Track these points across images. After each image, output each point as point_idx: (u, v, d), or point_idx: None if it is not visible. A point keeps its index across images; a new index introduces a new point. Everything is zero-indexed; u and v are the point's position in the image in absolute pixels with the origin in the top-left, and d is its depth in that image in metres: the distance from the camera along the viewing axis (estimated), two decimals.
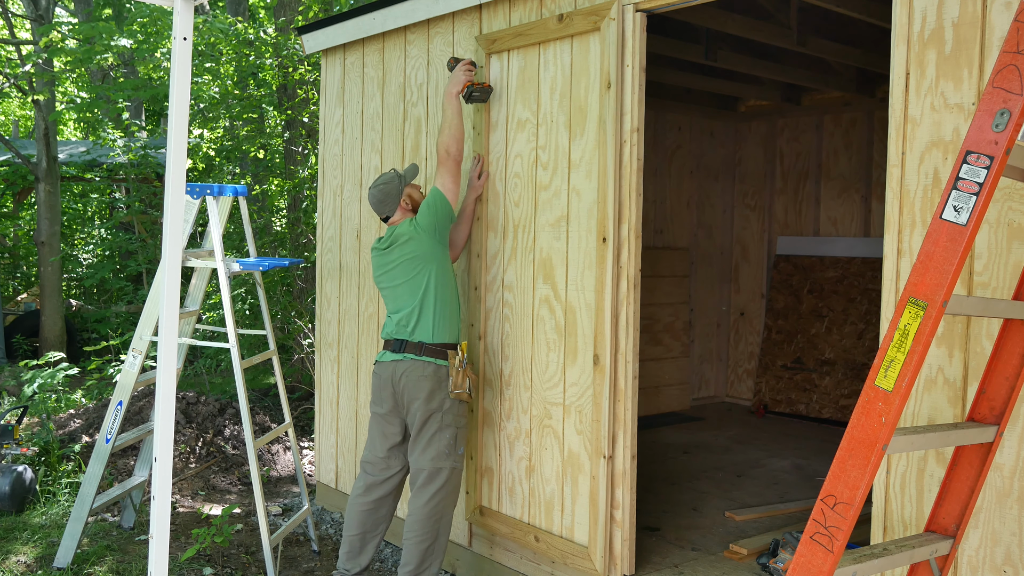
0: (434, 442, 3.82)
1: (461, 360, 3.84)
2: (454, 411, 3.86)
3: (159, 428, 2.27)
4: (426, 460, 3.83)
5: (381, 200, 4.00)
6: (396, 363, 3.87)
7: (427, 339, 3.83)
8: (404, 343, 3.86)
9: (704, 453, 6.14)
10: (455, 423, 3.86)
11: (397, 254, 3.91)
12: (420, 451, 3.85)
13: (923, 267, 1.90)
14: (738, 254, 8.02)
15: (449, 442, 3.83)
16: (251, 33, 8.75)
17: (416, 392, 3.82)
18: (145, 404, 6.33)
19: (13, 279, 13.08)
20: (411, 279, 3.86)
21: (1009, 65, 1.89)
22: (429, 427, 3.83)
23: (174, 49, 2.22)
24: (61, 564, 4.47)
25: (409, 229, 3.90)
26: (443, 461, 3.83)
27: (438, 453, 3.82)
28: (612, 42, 3.59)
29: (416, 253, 3.86)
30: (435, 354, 3.83)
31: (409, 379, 3.83)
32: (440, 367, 3.83)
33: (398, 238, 3.92)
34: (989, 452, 2.22)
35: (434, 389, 3.82)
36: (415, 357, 3.83)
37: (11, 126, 18.00)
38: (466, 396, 3.86)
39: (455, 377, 3.82)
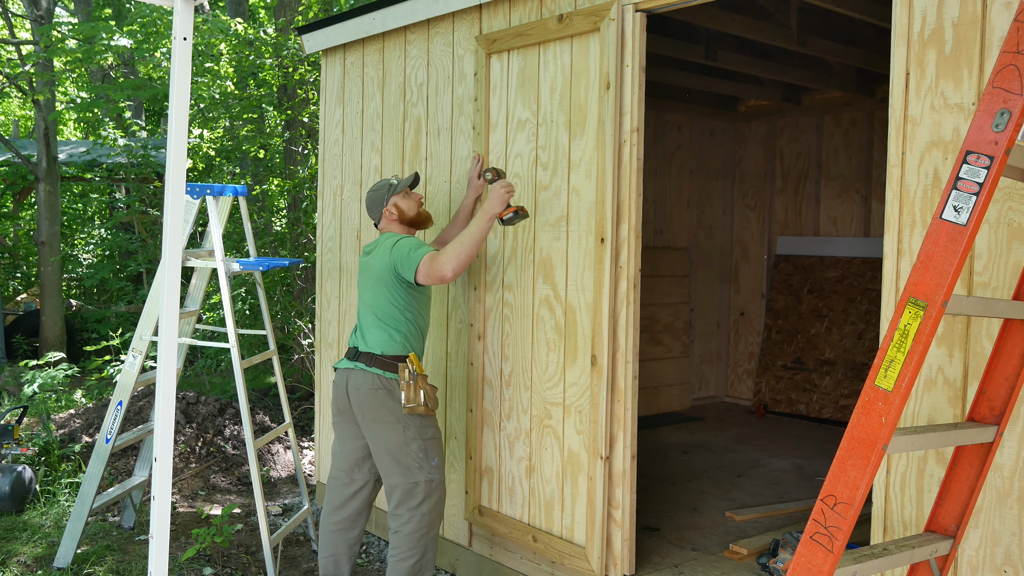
0: (401, 457, 3.65)
1: (411, 372, 3.64)
2: (416, 424, 3.66)
3: (159, 428, 2.27)
4: (398, 476, 3.67)
5: (369, 207, 3.97)
6: (349, 371, 3.75)
7: (376, 350, 3.69)
8: (357, 352, 3.76)
9: (704, 453, 6.14)
10: (419, 435, 3.67)
11: (373, 263, 3.80)
12: (389, 468, 3.69)
13: (923, 267, 1.90)
14: (738, 254, 8.02)
15: (417, 455, 3.65)
16: (251, 33, 8.75)
17: (367, 405, 3.67)
18: (145, 404, 6.33)
19: (13, 279, 13.08)
20: (373, 292, 3.76)
21: (1009, 65, 1.89)
22: (390, 442, 3.66)
23: (174, 49, 2.22)
24: (61, 564, 4.47)
25: (387, 247, 3.75)
26: (416, 475, 3.66)
27: (408, 468, 3.65)
28: (612, 42, 3.59)
29: (381, 271, 3.74)
30: (385, 366, 3.68)
31: (360, 392, 3.69)
32: (389, 380, 3.66)
33: (377, 248, 3.82)
34: (989, 452, 2.22)
35: (385, 401, 3.65)
36: (364, 368, 3.69)
37: (11, 126, 17.99)
38: (423, 410, 3.64)
39: (406, 391, 3.62)
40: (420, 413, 3.65)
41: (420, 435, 3.66)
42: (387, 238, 3.80)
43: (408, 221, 3.90)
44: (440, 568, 4.55)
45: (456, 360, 4.42)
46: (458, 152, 4.41)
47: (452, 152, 4.45)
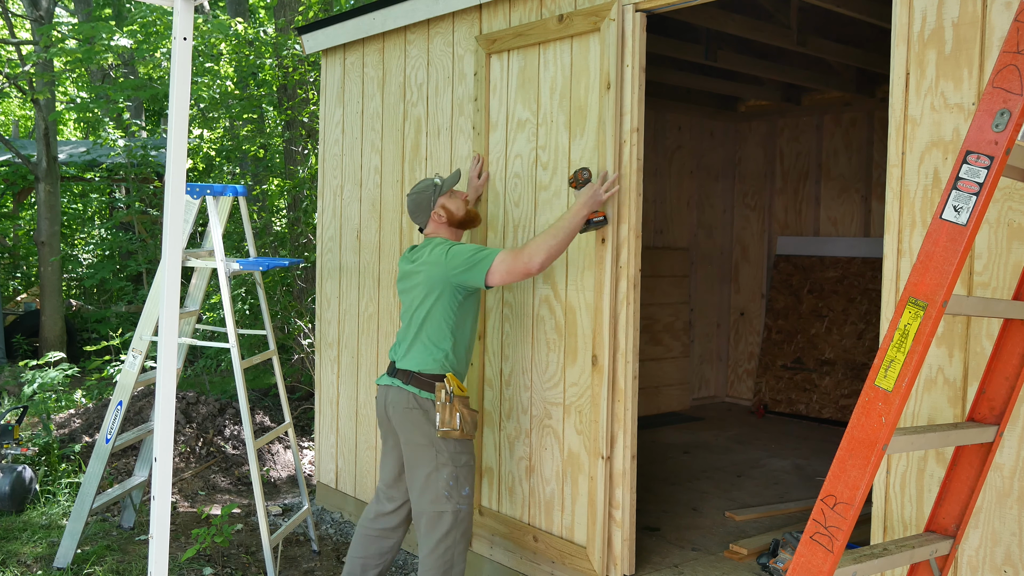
0: (431, 483, 3.45)
1: (448, 393, 3.43)
2: (449, 449, 3.45)
3: (159, 428, 2.27)
4: (425, 503, 3.48)
5: (413, 210, 3.72)
6: (387, 388, 3.60)
7: (414, 368, 3.51)
8: (395, 367, 3.60)
9: (704, 453, 6.14)
10: (452, 462, 3.45)
11: (419, 272, 3.56)
12: (418, 492, 3.50)
13: (923, 267, 1.90)
14: (738, 254, 8.02)
15: (447, 483, 3.44)
16: (251, 33, 8.75)
17: (402, 424, 3.51)
18: (145, 404, 6.33)
19: (13, 279, 13.08)
20: (419, 304, 3.54)
21: (1009, 65, 1.89)
22: (421, 465, 3.47)
23: (174, 49, 2.22)
24: (61, 564, 4.47)
25: (438, 255, 3.51)
26: (443, 504, 3.45)
27: (436, 496, 3.45)
28: (612, 42, 3.59)
29: (431, 281, 3.51)
30: (422, 385, 3.48)
31: (395, 409, 3.53)
32: (425, 399, 3.47)
33: (423, 255, 3.58)
34: (989, 452, 2.22)
35: (420, 423, 3.46)
36: (401, 385, 3.52)
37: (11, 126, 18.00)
38: (458, 434, 3.43)
39: (442, 413, 3.42)
40: (455, 438, 3.44)
41: (453, 461, 3.45)
42: (437, 245, 3.55)
43: (458, 222, 3.70)
44: None
45: None
46: (458, 152, 4.41)
47: (452, 152, 4.45)
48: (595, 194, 3.50)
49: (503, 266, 3.38)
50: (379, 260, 4.96)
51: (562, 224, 3.42)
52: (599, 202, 3.52)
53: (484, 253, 3.43)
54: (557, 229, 3.41)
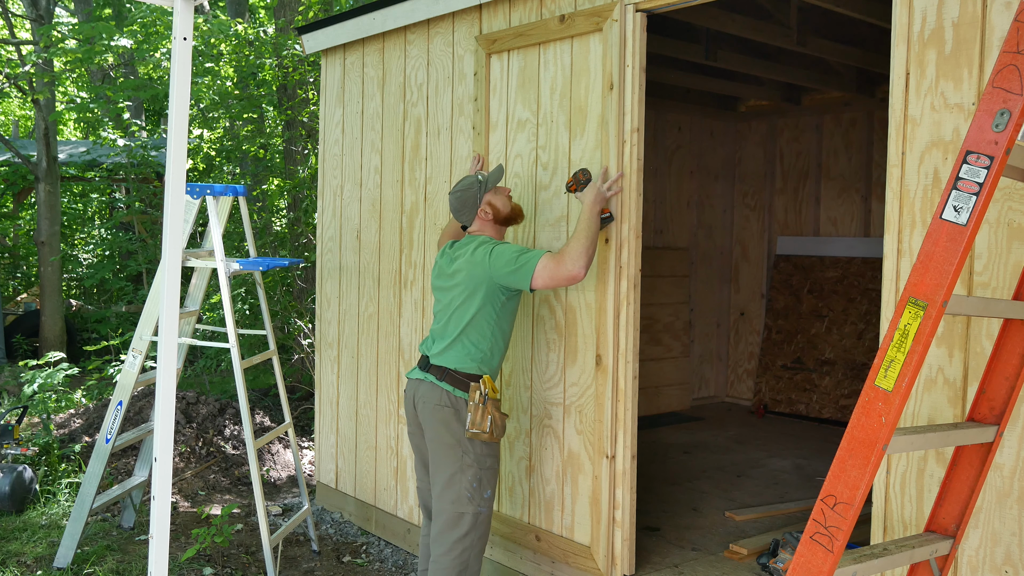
0: (454, 483, 3.38)
1: (482, 395, 3.36)
2: (476, 450, 3.38)
3: (159, 428, 2.27)
4: (446, 502, 3.40)
5: (458, 208, 3.58)
6: (418, 382, 3.51)
7: (451, 365, 3.43)
8: (428, 362, 3.50)
9: (704, 453, 6.14)
10: (477, 463, 3.38)
11: (461, 271, 3.47)
12: (439, 490, 3.43)
13: (923, 267, 1.90)
14: (738, 254, 8.02)
15: (471, 484, 3.37)
16: (251, 33, 8.75)
17: (430, 421, 3.43)
18: (145, 404, 6.33)
19: (13, 279, 13.08)
20: (460, 303, 3.45)
21: (1009, 65, 1.89)
22: (446, 464, 3.40)
23: (174, 49, 2.22)
24: (61, 564, 4.47)
25: (482, 255, 3.42)
26: (465, 506, 3.37)
27: (459, 496, 3.38)
28: (615, 43, 3.59)
29: (475, 281, 3.42)
30: (456, 383, 3.41)
31: (425, 405, 3.45)
32: (458, 398, 3.39)
33: (465, 253, 3.49)
34: (989, 452, 2.22)
35: (449, 421, 3.39)
36: (435, 381, 3.44)
37: (11, 126, 18.00)
38: (486, 437, 3.35)
39: (473, 414, 3.35)
40: (483, 440, 3.38)
41: (478, 463, 3.39)
42: (480, 244, 3.46)
43: (503, 219, 3.60)
44: None
45: None
46: (458, 152, 4.41)
47: (452, 152, 4.45)
48: (599, 192, 3.49)
49: (546, 272, 3.30)
50: (379, 260, 4.96)
51: (584, 227, 3.39)
52: (604, 199, 3.51)
53: (528, 256, 3.34)
54: (582, 233, 3.36)
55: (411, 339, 4.72)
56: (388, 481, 4.92)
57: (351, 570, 4.64)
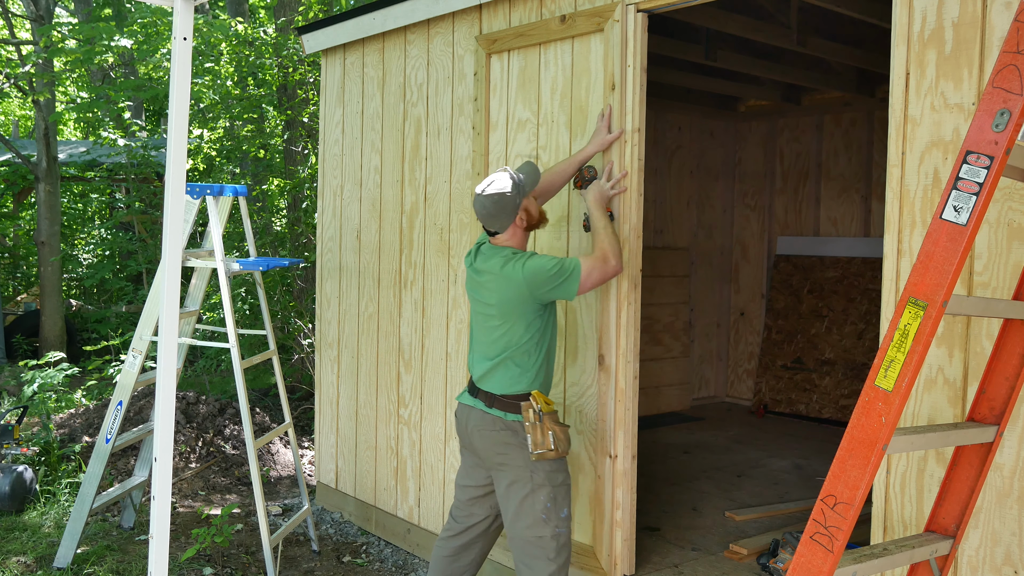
0: (527, 508, 3.17)
1: (536, 412, 3.16)
2: (544, 469, 3.17)
3: (159, 428, 2.27)
4: (521, 528, 3.19)
5: (493, 214, 3.26)
6: (470, 410, 3.32)
7: (497, 390, 3.23)
8: (477, 389, 3.31)
9: (704, 453, 6.14)
10: (548, 481, 3.17)
11: (491, 290, 3.26)
12: (512, 517, 3.21)
13: (923, 267, 1.90)
14: (738, 254, 8.02)
15: (544, 505, 3.16)
16: (251, 33, 8.75)
17: (489, 447, 3.23)
18: (145, 404, 6.33)
19: (13, 279, 13.08)
20: (497, 325, 3.25)
21: (1009, 65, 1.89)
22: (515, 490, 3.19)
23: (174, 49, 2.22)
24: (61, 564, 4.47)
25: (514, 272, 3.18)
26: (542, 528, 3.17)
27: (534, 520, 3.16)
28: (616, 43, 3.59)
29: (512, 300, 3.21)
30: (506, 407, 3.21)
31: (482, 435, 3.25)
32: (512, 422, 3.19)
33: (491, 267, 3.26)
34: (989, 452, 2.22)
35: (509, 446, 3.19)
36: (484, 409, 3.25)
37: (11, 126, 18.00)
38: (553, 454, 3.14)
39: (533, 434, 3.14)
40: (550, 458, 3.16)
41: (549, 481, 3.18)
42: (508, 260, 3.22)
43: (533, 224, 3.37)
44: None
45: (456, 360, 4.42)
46: (458, 152, 4.41)
47: (452, 152, 4.45)
48: (602, 190, 3.46)
49: (595, 274, 3.20)
50: (379, 260, 4.96)
51: (602, 224, 3.34)
52: (607, 197, 3.47)
53: (569, 265, 3.18)
54: (604, 229, 3.31)
55: (411, 339, 4.73)
56: (388, 481, 4.92)
57: (351, 570, 4.64)
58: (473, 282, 3.37)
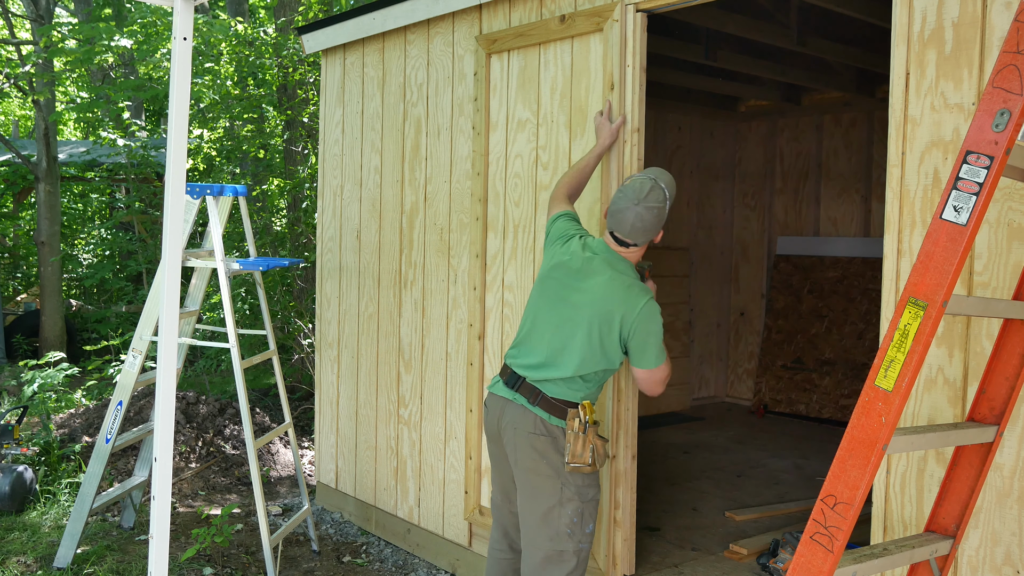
0: (552, 519, 2.99)
1: (582, 422, 2.96)
2: (575, 482, 2.98)
3: (159, 428, 2.27)
4: (543, 539, 3.00)
5: (648, 226, 3.01)
6: (506, 403, 3.08)
7: (550, 393, 3.01)
8: (521, 381, 3.06)
9: (704, 453, 6.14)
10: (578, 496, 2.98)
11: (593, 295, 3.01)
12: (534, 526, 3.02)
13: (923, 267, 1.90)
14: (738, 254, 8.02)
15: (571, 519, 2.99)
16: (251, 33, 8.75)
17: (522, 449, 3.02)
18: (145, 404, 6.33)
19: (13, 279, 13.08)
20: (586, 341, 2.99)
21: (1009, 65, 1.89)
22: (543, 497, 3.00)
23: (174, 49, 2.22)
24: (61, 564, 4.47)
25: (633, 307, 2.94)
26: (565, 542, 2.98)
27: (558, 532, 2.99)
28: (615, 43, 3.59)
29: (603, 315, 2.97)
30: (552, 409, 2.99)
31: (517, 432, 3.03)
32: (554, 426, 2.99)
33: (602, 280, 3.01)
34: (989, 452, 2.22)
35: (546, 451, 2.98)
36: (527, 405, 3.02)
37: (11, 126, 18.00)
38: (588, 469, 2.96)
39: (573, 444, 2.94)
40: (584, 472, 2.99)
41: (579, 495, 2.99)
42: (630, 288, 2.99)
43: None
44: (440, 568, 4.55)
45: (456, 360, 4.42)
46: (458, 152, 4.41)
47: (452, 152, 4.45)
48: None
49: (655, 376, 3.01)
50: (379, 260, 4.96)
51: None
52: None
53: (661, 352, 3.00)
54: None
55: (411, 339, 4.73)
56: (388, 481, 4.92)
57: (351, 570, 4.64)
58: (569, 273, 3.08)
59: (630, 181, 3.07)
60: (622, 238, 3.04)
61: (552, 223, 3.30)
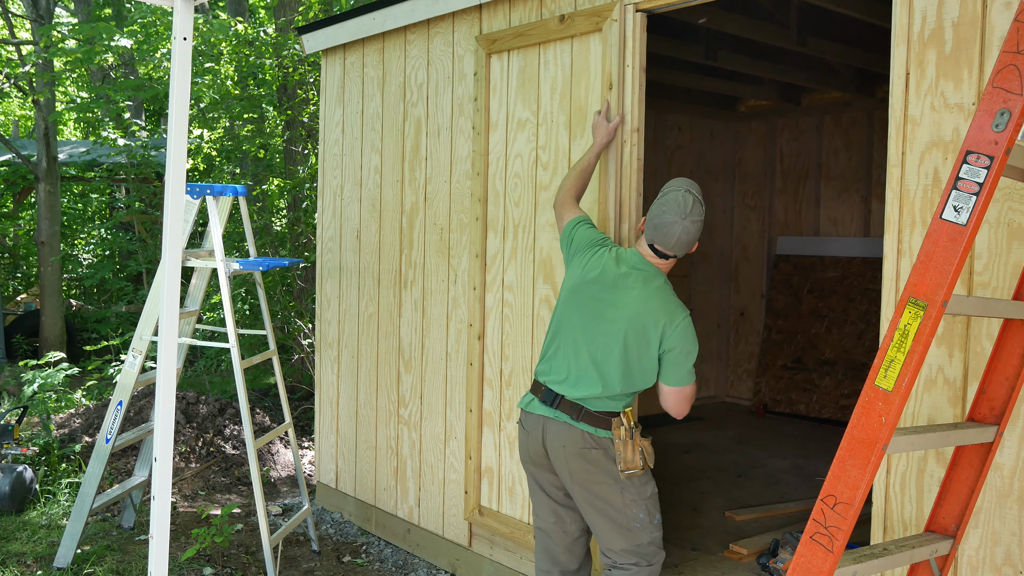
0: (620, 520, 3.05)
1: (628, 429, 3.00)
2: (635, 485, 3.02)
3: (159, 428, 2.27)
4: (619, 540, 3.05)
5: (694, 238, 3.05)
6: (546, 421, 3.07)
7: (591, 407, 3.03)
8: (560, 399, 3.06)
9: (704, 453, 6.14)
10: (639, 496, 3.03)
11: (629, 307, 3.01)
12: (607, 533, 3.06)
13: (923, 267, 1.90)
14: (738, 254, 8.02)
15: (638, 516, 3.05)
16: (251, 33, 8.75)
17: (577, 466, 3.02)
18: (145, 404, 6.33)
19: (13, 279, 13.08)
20: (622, 350, 3.00)
21: (1009, 65, 1.89)
22: (607, 506, 3.03)
23: (174, 49, 2.22)
24: (61, 564, 4.47)
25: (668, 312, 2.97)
26: (640, 536, 3.06)
27: (629, 530, 3.05)
28: (614, 42, 3.59)
29: (641, 329, 2.98)
30: (596, 422, 3.01)
31: (567, 451, 3.03)
32: (602, 438, 3.01)
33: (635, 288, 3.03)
34: (989, 452, 2.22)
35: (601, 462, 3.01)
36: (571, 421, 3.02)
37: (11, 126, 17.99)
38: (640, 472, 3.01)
39: (623, 452, 2.98)
40: (638, 475, 3.04)
41: (640, 495, 3.04)
42: (668, 303, 3.01)
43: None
44: (440, 568, 4.55)
45: (456, 360, 4.42)
46: (458, 152, 4.41)
47: (452, 152, 4.45)
48: None
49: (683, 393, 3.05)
50: (379, 260, 4.97)
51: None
52: None
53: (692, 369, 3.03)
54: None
55: (411, 339, 4.73)
56: (388, 481, 4.92)
57: (351, 570, 4.64)
58: (603, 287, 3.07)
59: (670, 194, 3.05)
60: (665, 251, 3.05)
61: (572, 229, 3.29)
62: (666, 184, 3.13)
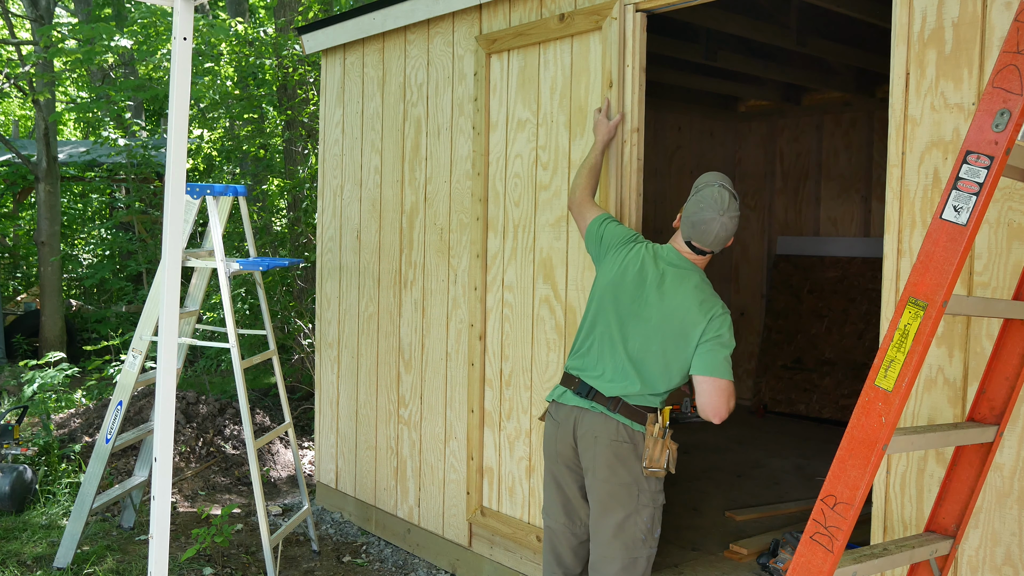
0: (628, 527, 2.98)
1: (661, 428, 2.97)
2: (650, 488, 2.99)
3: (159, 428, 2.27)
4: (618, 548, 2.99)
5: (730, 235, 3.06)
6: (581, 412, 3.04)
7: (632, 401, 2.99)
8: (594, 391, 3.03)
9: (704, 453, 6.14)
10: (651, 502, 3.00)
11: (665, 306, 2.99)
12: (610, 535, 3.00)
13: (923, 267, 1.90)
14: (738, 254, 8.02)
15: (644, 525, 3.00)
16: (251, 33, 8.75)
17: (604, 457, 2.98)
18: (145, 404, 6.33)
19: (13, 279, 13.08)
20: (660, 348, 2.98)
21: (1009, 65, 1.89)
22: (621, 506, 2.99)
23: (174, 49, 2.22)
24: (61, 564, 4.47)
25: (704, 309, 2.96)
26: (639, 549, 2.99)
27: (632, 540, 2.99)
28: (614, 42, 3.59)
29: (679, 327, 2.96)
30: (632, 415, 2.98)
31: (598, 440, 2.99)
32: (635, 432, 2.98)
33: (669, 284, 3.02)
34: (989, 452, 2.22)
35: (627, 457, 2.97)
36: (606, 412, 2.99)
37: (11, 126, 18.00)
38: (662, 473, 2.98)
39: (652, 449, 2.95)
40: (659, 476, 3.00)
41: (653, 501, 3.00)
42: (706, 300, 3.00)
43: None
44: (440, 568, 4.55)
45: (456, 360, 4.42)
46: (458, 152, 4.41)
47: (452, 152, 4.45)
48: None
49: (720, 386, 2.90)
50: (379, 260, 4.96)
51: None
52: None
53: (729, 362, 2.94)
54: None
55: (411, 339, 4.73)
56: (388, 481, 4.92)
57: (351, 570, 4.64)
58: (641, 284, 3.05)
59: (704, 190, 3.04)
60: (702, 248, 3.07)
61: (600, 227, 3.27)
62: (698, 179, 3.13)
